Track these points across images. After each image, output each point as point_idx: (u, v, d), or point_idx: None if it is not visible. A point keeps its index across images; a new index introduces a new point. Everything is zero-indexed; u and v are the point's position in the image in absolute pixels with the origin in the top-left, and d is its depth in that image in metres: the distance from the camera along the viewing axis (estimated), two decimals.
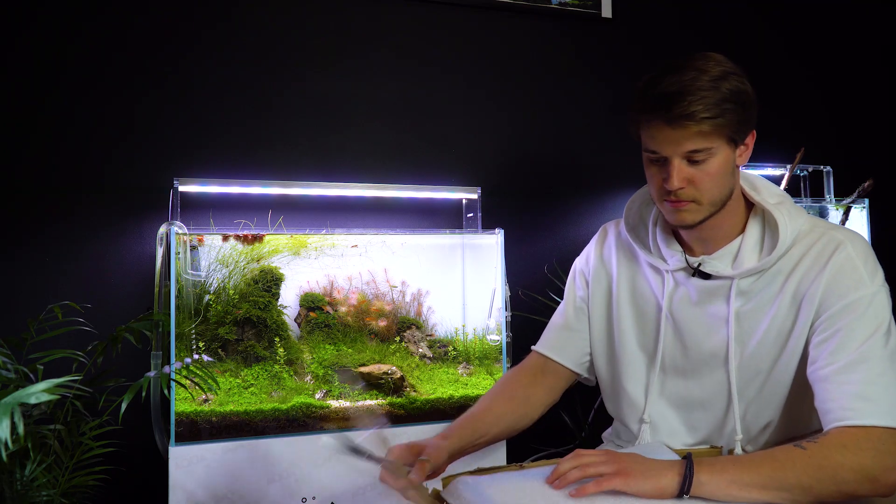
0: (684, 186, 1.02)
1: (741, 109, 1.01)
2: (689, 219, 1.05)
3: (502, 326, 1.61)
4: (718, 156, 1.02)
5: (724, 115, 0.99)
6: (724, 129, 1.00)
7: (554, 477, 0.92)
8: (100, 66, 1.59)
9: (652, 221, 1.19)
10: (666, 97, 0.98)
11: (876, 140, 2.28)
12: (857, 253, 1.03)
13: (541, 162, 1.94)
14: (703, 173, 1.02)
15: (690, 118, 0.97)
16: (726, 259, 1.10)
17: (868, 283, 1.00)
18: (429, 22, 1.85)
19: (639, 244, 1.20)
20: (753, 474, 0.90)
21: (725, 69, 1.02)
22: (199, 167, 1.63)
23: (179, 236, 1.41)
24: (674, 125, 0.99)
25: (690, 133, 0.99)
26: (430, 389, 1.54)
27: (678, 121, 0.98)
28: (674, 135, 0.99)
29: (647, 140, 1.04)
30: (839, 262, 1.02)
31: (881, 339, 0.97)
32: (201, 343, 1.43)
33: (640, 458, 0.94)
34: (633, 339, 1.20)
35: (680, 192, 1.03)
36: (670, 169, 1.02)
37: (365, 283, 1.60)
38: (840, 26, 2.28)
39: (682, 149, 1.00)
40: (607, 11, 1.99)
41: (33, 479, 1.10)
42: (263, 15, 1.71)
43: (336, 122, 1.76)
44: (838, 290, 1.00)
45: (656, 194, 1.08)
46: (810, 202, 1.98)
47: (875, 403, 0.93)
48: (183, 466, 1.32)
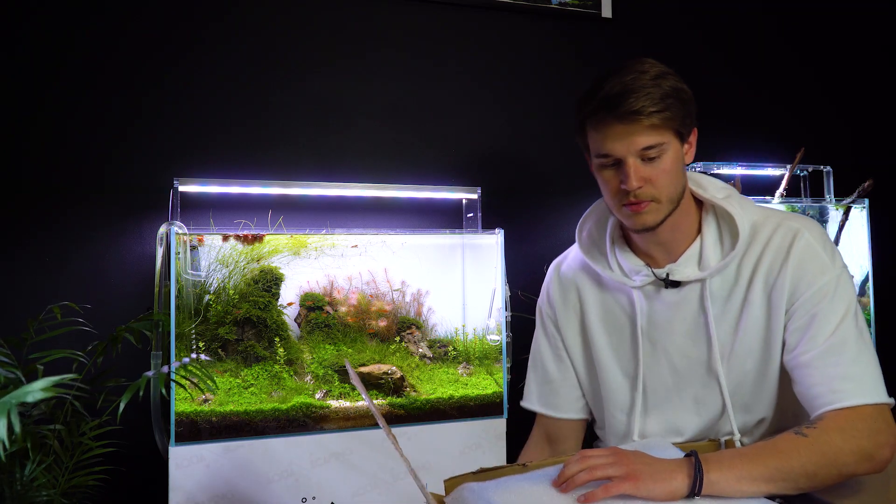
0: (642, 185, 1.02)
1: (682, 104, 1.04)
2: (649, 220, 1.05)
3: (502, 326, 1.61)
4: (670, 151, 1.03)
5: (670, 109, 1.01)
6: (671, 122, 1.02)
7: (561, 480, 0.90)
8: (100, 66, 1.59)
9: (609, 240, 1.18)
10: (612, 97, 1.01)
11: (876, 140, 2.28)
12: (816, 239, 1.05)
13: (541, 162, 1.94)
14: (658, 170, 1.03)
15: (640, 112, 0.99)
16: (691, 262, 1.09)
17: (831, 266, 1.03)
18: (429, 22, 1.85)
19: (600, 265, 1.17)
20: (761, 467, 0.90)
21: (662, 69, 1.05)
22: (199, 167, 1.63)
23: (179, 236, 1.41)
24: (625, 122, 1.00)
25: (642, 128, 1.00)
26: (430, 389, 1.54)
27: (628, 116, 1.00)
28: (626, 132, 1.01)
29: (597, 145, 1.05)
30: (801, 250, 1.04)
31: (852, 319, 1.00)
32: (201, 343, 1.43)
33: (647, 457, 0.93)
34: (613, 365, 1.18)
35: (639, 191, 1.03)
36: (626, 169, 1.02)
37: (365, 283, 1.60)
38: (840, 26, 2.28)
39: (636, 146, 1.01)
40: (607, 11, 1.99)
41: (33, 479, 1.10)
42: (263, 15, 1.71)
43: (336, 122, 1.76)
44: (806, 278, 1.02)
45: (613, 200, 1.07)
46: (810, 202, 1.98)
47: (860, 382, 0.96)
48: (183, 466, 1.32)
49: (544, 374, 1.27)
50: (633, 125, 1.00)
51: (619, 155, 1.02)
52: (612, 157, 1.03)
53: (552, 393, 1.26)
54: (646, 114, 0.99)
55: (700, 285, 1.09)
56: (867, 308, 1.98)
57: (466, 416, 1.53)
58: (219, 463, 1.33)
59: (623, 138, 1.01)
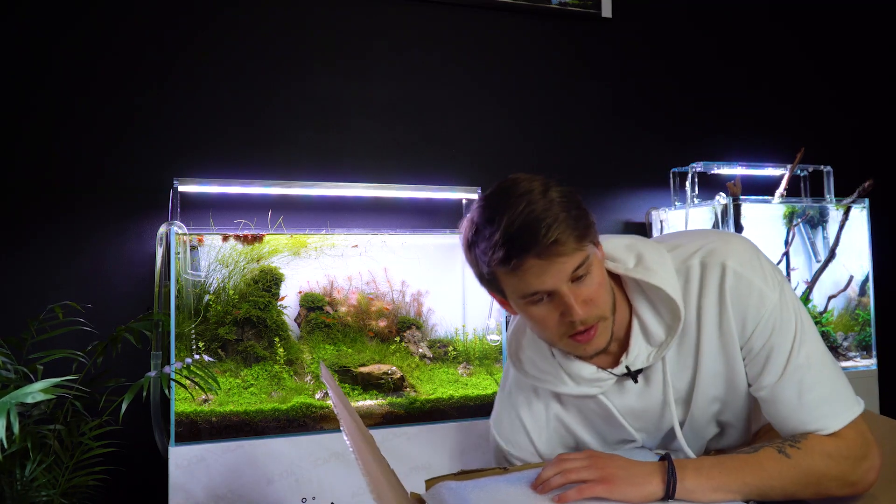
0: (585, 308, 0.92)
1: (577, 206, 0.94)
2: (601, 342, 0.96)
3: (502, 326, 1.61)
4: (594, 260, 0.94)
5: (580, 221, 0.92)
6: (586, 237, 0.92)
7: (537, 483, 0.90)
8: (100, 66, 1.59)
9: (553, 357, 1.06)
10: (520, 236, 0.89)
11: (876, 140, 2.28)
12: (744, 265, 0.98)
13: (541, 161, 1.94)
14: (592, 286, 0.94)
15: (558, 242, 0.89)
16: (640, 342, 1.01)
17: (768, 290, 0.96)
18: (429, 22, 1.85)
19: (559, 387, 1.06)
20: (739, 482, 0.89)
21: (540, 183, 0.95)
22: (199, 167, 1.63)
23: (179, 236, 1.41)
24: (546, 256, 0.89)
25: (564, 257, 0.90)
26: (430, 389, 1.54)
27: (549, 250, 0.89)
28: (549, 265, 0.90)
29: (520, 287, 0.93)
30: (732, 287, 0.97)
31: (806, 335, 0.96)
32: (201, 343, 1.43)
33: (622, 461, 0.92)
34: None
35: (585, 317, 0.93)
36: (565, 300, 0.92)
37: (365, 283, 1.60)
38: (841, 26, 2.28)
39: (566, 273, 0.91)
40: (607, 11, 1.99)
41: (33, 479, 1.10)
42: (263, 15, 1.71)
43: (336, 122, 1.76)
44: (749, 314, 0.97)
45: (556, 334, 0.96)
46: (810, 202, 1.98)
47: (835, 402, 0.94)
48: (183, 466, 1.32)
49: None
50: (557, 256, 0.90)
51: (550, 288, 0.92)
52: (542, 292, 0.92)
53: None
54: (563, 241, 0.89)
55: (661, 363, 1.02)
56: (867, 308, 1.98)
57: (466, 416, 1.52)
58: (219, 463, 1.33)
59: (549, 271, 0.90)
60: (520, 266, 0.90)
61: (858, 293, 2.00)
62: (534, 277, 0.91)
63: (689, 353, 1.02)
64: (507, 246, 0.89)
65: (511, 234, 0.89)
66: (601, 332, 0.95)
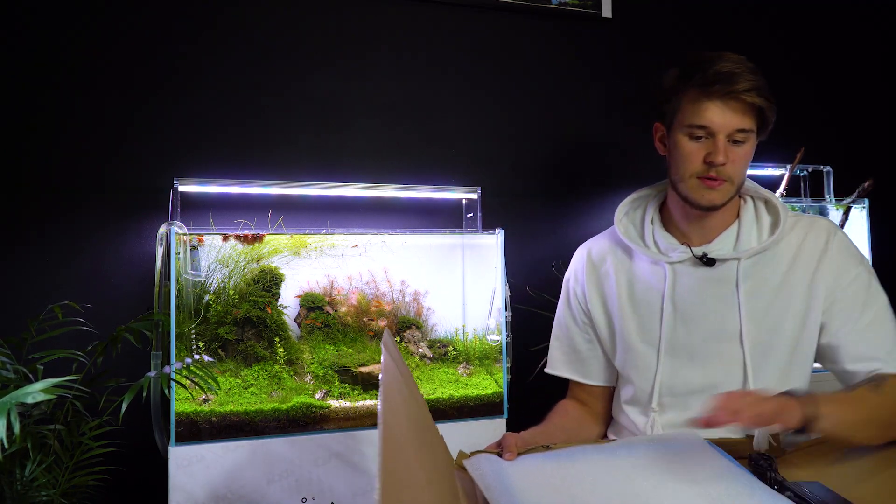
0: (726, 163, 1.09)
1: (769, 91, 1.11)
2: (718, 199, 1.12)
3: (502, 326, 1.61)
4: (751, 141, 1.12)
5: (770, 101, 1.09)
6: (765, 113, 1.10)
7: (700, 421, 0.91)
8: (99, 66, 1.59)
9: (649, 220, 1.25)
10: (727, 74, 1.07)
11: (876, 140, 2.28)
12: (845, 237, 1.19)
13: (541, 162, 1.94)
14: (740, 154, 1.11)
15: (748, 93, 1.06)
16: (728, 243, 1.18)
17: (864, 260, 1.16)
18: (428, 22, 1.85)
19: (638, 245, 1.24)
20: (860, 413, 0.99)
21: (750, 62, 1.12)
22: (199, 167, 1.63)
23: (179, 236, 1.41)
24: (732, 98, 1.07)
25: (744, 108, 1.08)
26: (430, 389, 1.54)
27: (739, 95, 1.06)
28: (729, 109, 1.08)
29: (695, 115, 1.10)
30: (837, 244, 1.15)
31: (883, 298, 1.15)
32: (201, 343, 1.43)
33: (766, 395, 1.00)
34: (635, 335, 1.24)
35: (721, 169, 1.10)
36: (717, 144, 1.09)
37: (365, 283, 1.60)
38: (840, 26, 2.28)
39: (733, 125, 1.09)
40: (607, 11, 1.99)
41: (33, 480, 1.10)
42: (263, 15, 1.71)
43: (336, 122, 1.76)
44: (846, 268, 1.14)
45: (689, 172, 1.13)
46: (810, 202, 1.98)
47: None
48: (183, 466, 1.32)
49: (570, 345, 1.35)
50: (738, 104, 1.08)
51: (716, 129, 1.09)
52: (707, 129, 1.10)
53: (580, 362, 1.34)
54: (753, 95, 1.07)
55: (736, 263, 1.16)
56: None
57: (466, 416, 1.53)
58: (219, 463, 1.33)
59: (725, 114, 1.08)
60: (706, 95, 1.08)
61: None
62: (711, 112, 1.09)
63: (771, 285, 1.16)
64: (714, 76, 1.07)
65: (720, 72, 1.07)
66: (722, 190, 1.12)
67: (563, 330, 1.37)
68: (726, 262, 1.17)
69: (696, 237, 1.20)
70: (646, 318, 1.23)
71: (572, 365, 1.36)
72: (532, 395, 1.58)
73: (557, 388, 1.42)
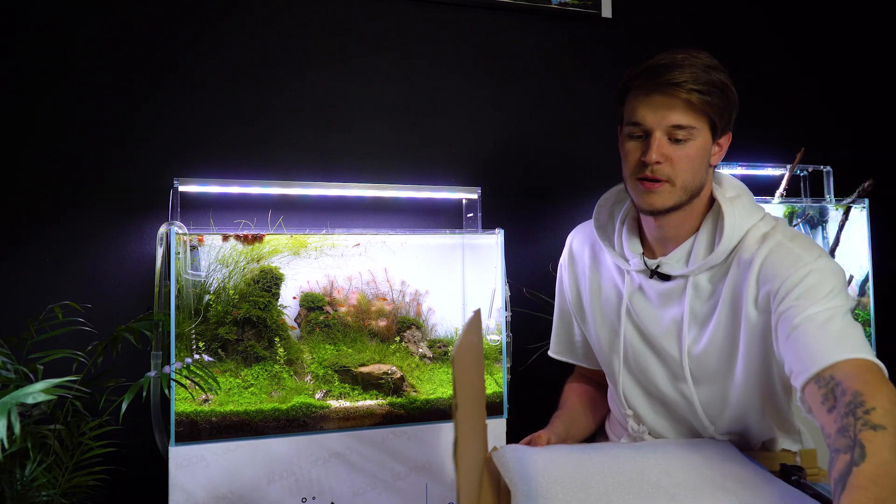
0: (661, 162, 1.02)
1: (725, 99, 1.04)
2: (658, 202, 1.04)
3: (502, 326, 1.61)
4: (698, 139, 1.03)
5: (711, 95, 1.01)
6: (708, 108, 1.01)
7: None
8: (100, 66, 1.59)
9: (620, 220, 1.20)
10: (658, 66, 1.01)
11: (876, 140, 2.28)
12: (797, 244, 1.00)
13: (541, 162, 1.94)
14: (682, 153, 1.03)
15: (679, 86, 0.99)
16: (681, 258, 1.10)
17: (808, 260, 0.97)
18: (428, 22, 1.85)
19: (605, 242, 1.21)
20: None
21: (715, 63, 1.05)
22: (199, 167, 1.63)
23: (179, 236, 1.41)
24: (663, 92, 1.00)
25: (678, 103, 1.01)
26: (430, 389, 1.54)
27: (667, 88, 1.00)
28: (661, 104, 1.01)
29: (630, 113, 1.05)
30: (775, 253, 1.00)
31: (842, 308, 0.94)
32: (201, 343, 1.43)
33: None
34: (602, 338, 1.24)
35: (656, 168, 1.03)
36: (651, 141, 1.02)
37: (365, 282, 1.60)
38: (840, 26, 2.28)
39: (667, 121, 1.01)
40: (607, 11, 1.99)
41: (33, 479, 1.10)
42: (263, 15, 1.71)
43: (336, 122, 1.76)
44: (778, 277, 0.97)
45: (630, 172, 1.07)
46: (810, 202, 1.98)
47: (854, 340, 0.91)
48: (183, 466, 1.32)
49: (567, 330, 1.36)
50: (670, 98, 1.01)
51: (649, 126, 1.03)
52: (642, 126, 1.04)
53: (576, 347, 1.35)
54: (685, 89, 0.99)
55: (685, 281, 1.09)
56: (867, 308, 1.98)
57: None
58: (219, 463, 1.33)
59: (657, 110, 1.02)
60: (640, 90, 1.03)
61: (858, 293, 2.00)
62: (643, 108, 1.03)
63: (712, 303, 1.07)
64: (644, 70, 1.02)
65: (653, 64, 1.02)
66: (662, 192, 1.04)
67: (559, 314, 1.38)
68: (677, 278, 1.10)
69: (657, 246, 1.14)
70: (609, 326, 1.22)
71: (571, 350, 1.37)
72: (532, 395, 1.58)
73: (557, 389, 1.42)
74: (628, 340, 1.17)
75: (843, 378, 0.83)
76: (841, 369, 0.85)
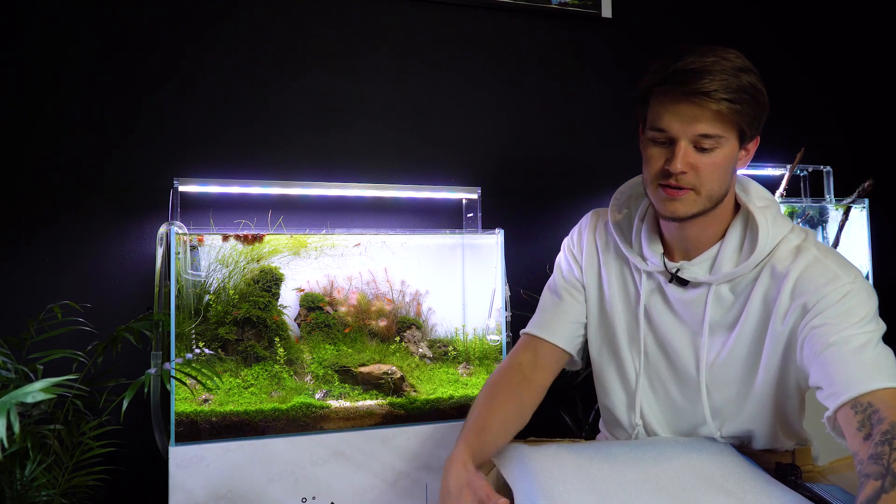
0: (687, 171, 0.98)
1: (756, 105, 0.99)
2: (681, 210, 1.01)
3: (502, 326, 1.61)
4: (725, 147, 0.99)
5: (741, 103, 0.96)
6: (737, 117, 0.96)
7: None
8: (99, 66, 1.59)
9: (639, 217, 1.15)
10: (686, 72, 0.95)
11: (876, 140, 2.28)
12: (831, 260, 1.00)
13: (541, 162, 1.94)
14: (707, 162, 0.98)
15: (709, 95, 0.94)
16: (704, 265, 1.07)
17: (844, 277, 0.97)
18: (429, 22, 1.85)
19: (621, 238, 1.16)
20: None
21: (746, 64, 1.00)
22: (199, 167, 1.63)
23: (179, 236, 1.41)
24: (692, 101, 0.95)
25: (706, 113, 0.95)
26: (430, 389, 1.54)
27: (697, 96, 0.94)
28: (689, 113, 0.96)
29: (655, 118, 0.99)
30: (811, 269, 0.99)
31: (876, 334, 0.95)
32: (201, 343, 1.43)
33: None
34: (623, 329, 1.17)
35: (681, 177, 0.98)
36: (676, 150, 0.97)
37: (365, 283, 1.60)
38: (840, 26, 2.28)
39: (694, 130, 0.96)
40: (607, 11, 1.99)
41: (33, 479, 1.10)
42: (263, 15, 1.71)
43: (336, 122, 1.76)
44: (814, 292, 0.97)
45: (652, 179, 1.02)
46: (810, 202, 1.98)
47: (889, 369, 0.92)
48: (183, 466, 1.31)
49: (550, 300, 1.24)
50: (699, 108, 0.95)
51: (674, 134, 0.98)
52: (667, 134, 0.98)
53: (550, 321, 1.21)
54: (715, 99, 0.94)
55: (706, 289, 1.06)
56: None
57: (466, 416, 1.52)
58: (219, 463, 1.33)
59: (684, 118, 0.96)
60: (666, 96, 0.97)
61: None
62: (669, 115, 0.97)
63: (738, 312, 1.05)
64: (671, 75, 0.96)
65: (682, 69, 0.96)
66: (685, 200, 1.00)
67: (551, 290, 1.26)
68: (699, 285, 1.07)
69: (678, 250, 1.10)
70: (630, 320, 1.17)
71: (542, 324, 1.22)
72: None
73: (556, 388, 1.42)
74: (647, 340, 1.14)
75: (882, 407, 0.85)
76: (880, 398, 0.86)
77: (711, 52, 0.97)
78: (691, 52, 0.97)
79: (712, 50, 0.98)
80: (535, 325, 1.23)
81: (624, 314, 1.17)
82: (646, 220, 1.14)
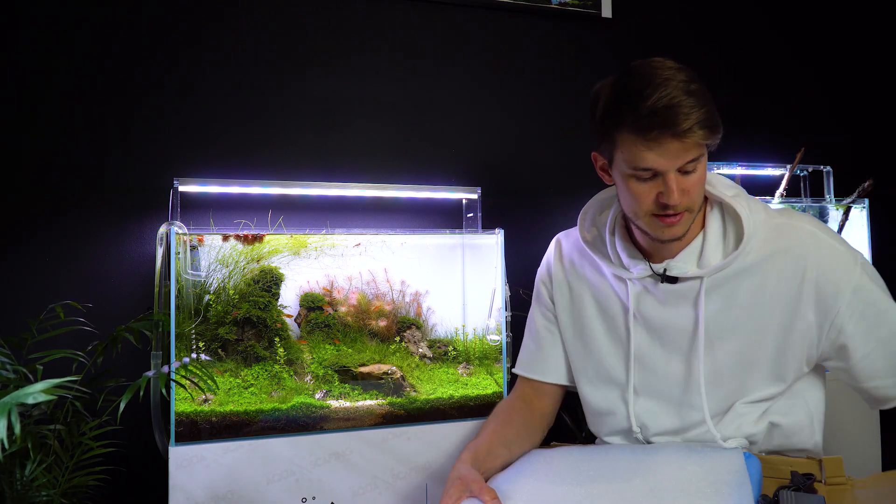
0: (681, 199, 1.01)
1: (712, 106, 1.00)
2: (680, 231, 1.04)
3: (502, 326, 1.61)
4: (703, 159, 1.02)
5: (709, 116, 0.98)
6: (711, 135, 0.99)
7: None
8: (99, 66, 1.59)
9: (608, 231, 1.17)
10: (661, 112, 0.95)
11: (876, 140, 2.28)
12: (829, 235, 1.08)
13: (541, 162, 1.94)
14: (694, 181, 1.01)
15: (691, 131, 0.95)
16: (690, 259, 1.09)
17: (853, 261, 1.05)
18: (428, 21, 1.85)
19: (598, 255, 1.18)
20: None
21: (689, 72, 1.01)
22: (199, 167, 1.63)
23: (179, 236, 1.41)
24: (678, 139, 0.96)
25: (688, 144, 0.97)
26: (430, 389, 1.54)
27: (682, 135, 0.95)
28: (672, 148, 0.97)
29: (634, 158, 1.00)
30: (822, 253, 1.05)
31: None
32: (201, 343, 1.43)
33: None
34: (605, 347, 1.19)
35: (677, 204, 1.01)
36: (669, 184, 0.99)
37: (365, 282, 1.60)
38: (841, 26, 2.28)
39: (682, 160, 0.98)
40: (607, 11, 1.99)
41: (33, 480, 1.10)
42: (263, 15, 1.71)
43: (336, 122, 1.76)
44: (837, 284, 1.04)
45: (645, 211, 1.04)
46: (810, 202, 1.98)
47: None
48: (183, 466, 1.32)
49: (534, 340, 1.31)
50: (680, 142, 0.97)
51: (661, 170, 0.99)
52: (653, 170, 1.00)
53: (541, 360, 1.29)
54: (695, 131, 0.96)
55: (698, 282, 1.08)
56: None
57: (466, 416, 1.52)
58: (219, 463, 1.33)
59: (669, 155, 0.98)
60: (645, 137, 0.97)
61: None
62: (654, 154, 0.98)
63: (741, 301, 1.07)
64: (648, 117, 0.96)
65: (654, 109, 0.95)
66: (684, 222, 1.04)
67: (531, 327, 1.34)
68: (688, 280, 1.09)
69: (657, 250, 1.11)
70: (616, 334, 1.18)
71: (531, 364, 1.31)
72: None
73: None
74: (638, 346, 1.15)
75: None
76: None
77: (658, 73, 0.98)
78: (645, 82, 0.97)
79: (656, 70, 0.99)
80: (525, 366, 1.31)
81: (607, 331, 1.20)
82: (616, 233, 1.17)
